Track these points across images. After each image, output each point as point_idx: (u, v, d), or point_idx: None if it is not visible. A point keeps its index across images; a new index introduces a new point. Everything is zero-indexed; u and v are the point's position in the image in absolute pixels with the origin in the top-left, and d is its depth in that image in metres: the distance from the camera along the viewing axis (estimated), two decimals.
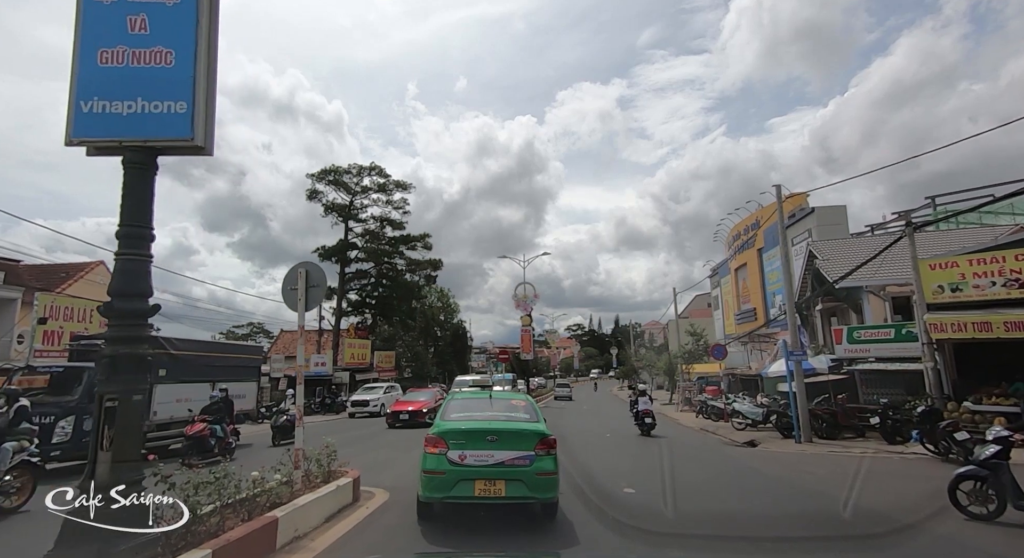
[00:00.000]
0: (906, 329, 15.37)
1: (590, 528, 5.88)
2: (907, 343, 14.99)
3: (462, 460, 5.49)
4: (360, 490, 7.22)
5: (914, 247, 12.95)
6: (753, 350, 30.09)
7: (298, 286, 6.69)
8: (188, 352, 13.06)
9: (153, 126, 3.69)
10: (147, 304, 3.69)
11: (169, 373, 12.25)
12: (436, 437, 5.73)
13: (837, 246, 23.27)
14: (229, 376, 14.35)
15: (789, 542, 5.78)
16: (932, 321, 12.25)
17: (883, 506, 6.99)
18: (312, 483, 6.33)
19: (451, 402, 7.00)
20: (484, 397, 7.05)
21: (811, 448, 12.96)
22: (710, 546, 5.68)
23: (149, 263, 3.78)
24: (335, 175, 39.97)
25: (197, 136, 3.74)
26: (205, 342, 14.66)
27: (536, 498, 5.60)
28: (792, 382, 14.35)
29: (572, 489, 7.69)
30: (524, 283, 37.65)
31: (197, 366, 13.23)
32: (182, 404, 12.60)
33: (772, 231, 34.27)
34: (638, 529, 6.04)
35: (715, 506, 7.37)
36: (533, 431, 5.83)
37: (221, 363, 14.11)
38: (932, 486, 7.57)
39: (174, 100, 3.73)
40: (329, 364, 32.92)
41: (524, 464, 5.50)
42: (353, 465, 9.82)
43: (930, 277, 12.90)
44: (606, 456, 11.88)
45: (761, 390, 23.60)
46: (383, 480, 8.69)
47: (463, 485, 5.43)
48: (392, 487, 8.00)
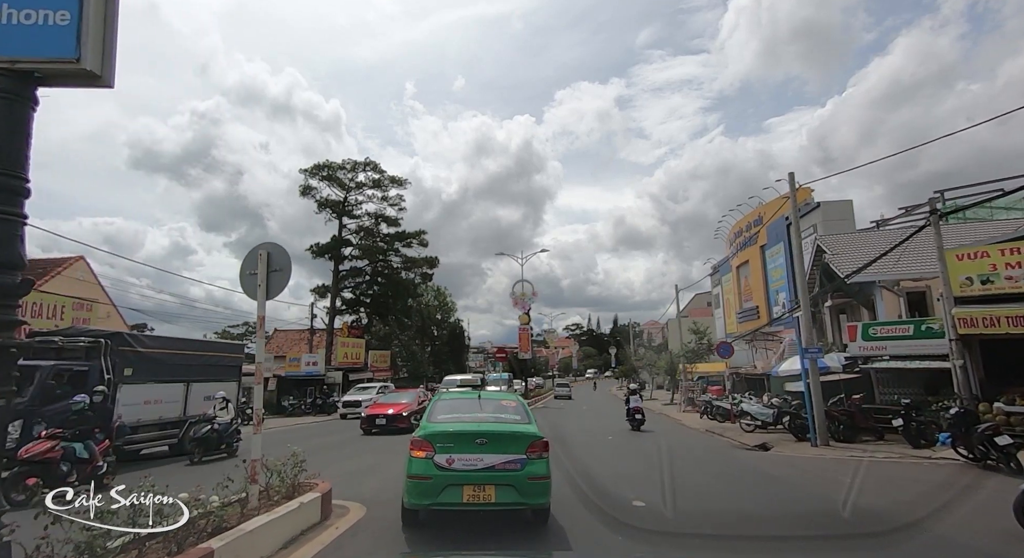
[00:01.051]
0: (926, 325, 14.53)
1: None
2: (927, 340, 14.16)
3: (449, 464, 5.22)
4: (332, 505, 6.31)
5: (940, 236, 12.07)
6: (758, 349, 29.19)
7: (258, 270, 5.77)
8: (158, 350, 12.10)
9: (23, 41, 2.72)
10: (15, 278, 2.77)
11: (137, 372, 11.28)
12: (422, 440, 5.43)
13: (846, 240, 22.40)
14: (206, 376, 13.40)
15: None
16: (961, 315, 11.37)
17: (941, 527, 6.02)
18: (272, 501, 5.41)
19: (438, 402, 6.59)
20: (473, 397, 6.73)
21: (829, 452, 12.07)
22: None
23: (21, 225, 2.84)
24: (329, 171, 38.99)
25: (85, 57, 2.78)
26: (178, 339, 13.66)
27: (527, 504, 5.37)
28: (807, 381, 13.47)
29: (578, 498, 7.10)
30: (522, 281, 36.69)
31: (169, 365, 12.26)
32: (152, 407, 11.65)
33: (775, 227, 33.44)
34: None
35: (738, 522, 6.48)
36: (524, 433, 5.56)
37: (197, 362, 13.14)
38: (982, 499, 6.71)
39: (53, 8, 2.79)
40: (321, 364, 32.00)
41: (515, 468, 5.26)
42: (332, 473, 8.90)
43: (957, 268, 12.02)
44: (610, 461, 10.97)
45: (767, 390, 22.77)
46: (363, 491, 7.78)
47: (451, 491, 5.16)
48: (372, 500, 7.09)
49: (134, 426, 11.18)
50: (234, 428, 12.26)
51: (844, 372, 15.91)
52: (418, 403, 17.70)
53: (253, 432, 5.68)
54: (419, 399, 18.33)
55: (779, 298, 34.57)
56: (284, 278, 5.80)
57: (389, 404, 17.72)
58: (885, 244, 20.22)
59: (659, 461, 10.69)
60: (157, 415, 11.81)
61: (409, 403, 17.70)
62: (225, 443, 11.97)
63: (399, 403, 17.73)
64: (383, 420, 16.39)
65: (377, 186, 40.08)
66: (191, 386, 12.74)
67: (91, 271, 23.28)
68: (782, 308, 33.26)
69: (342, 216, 39.18)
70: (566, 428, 18.50)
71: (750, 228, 37.75)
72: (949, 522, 6.10)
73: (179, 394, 12.43)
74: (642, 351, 67.75)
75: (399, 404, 17.57)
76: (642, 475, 9.36)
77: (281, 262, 5.83)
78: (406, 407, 17.23)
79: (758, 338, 29.69)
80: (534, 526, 5.77)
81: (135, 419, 11.18)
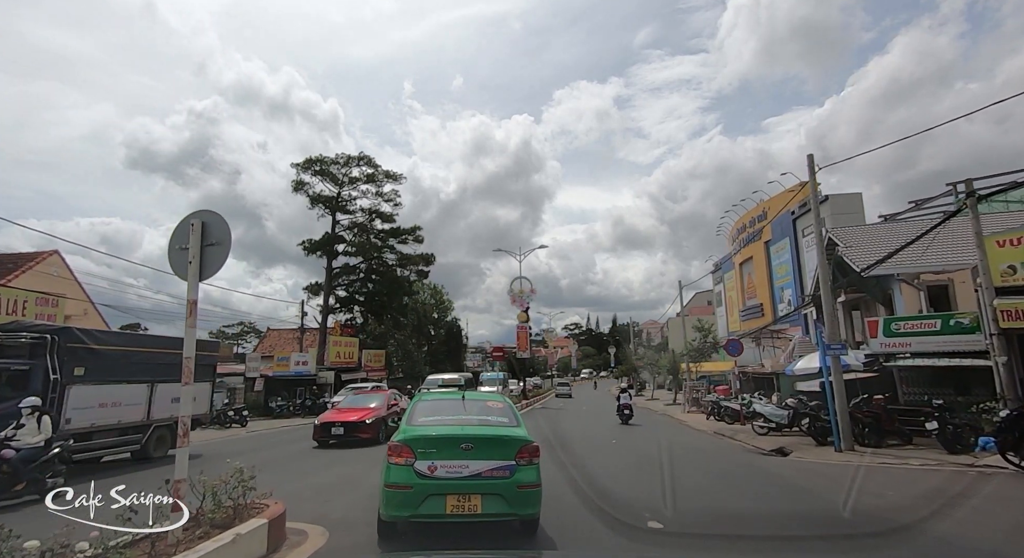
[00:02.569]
0: (955, 319, 13.47)
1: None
2: (956, 335, 13.11)
3: (432, 472, 4.80)
4: (285, 531, 5.21)
5: (978, 221, 11.00)
6: (765, 347, 28.14)
7: (190, 244, 4.67)
8: (116, 347, 10.96)
9: None
10: None
11: (90, 372, 10.13)
12: (401, 445, 4.97)
13: (859, 233, 21.35)
14: (175, 375, 12.24)
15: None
16: (1004, 307, 10.30)
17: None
18: (201, 532, 4.31)
19: (419, 404, 6.09)
20: (456, 398, 6.25)
21: (856, 457, 10.98)
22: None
23: None
24: (321, 165, 37.86)
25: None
26: (141, 335, 12.60)
27: (516, 515, 4.97)
28: (829, 380, 12.40)
29: (590, 512, 6.37)
30: (520, 278, 35.62)
31: (129, 364, 11.12)
32: (110, 410, 10.50)
33: (780, 222, 32.44)
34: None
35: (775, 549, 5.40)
36: (514, 437, 5.16)
37: (164, 360, 11.97)
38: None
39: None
40: (312, 363, 30.91)
41: (503, 476, 4.86)
42: (298, 488, 7.83)
43: (998, 256, 10.94)
44: (616, 470, 9.86)
45: (777, 389, 21.73)
46: (331, 509, 6.67)
47: (433, 501, 4.73)
48: (339, 522, 5.98)
49: (88, 432, 10.07)
50: (51, 456, 7.98)
51: (864, 371, 14.85)
52: (388, 407, 15.06)
53: (178, 444, 4.58)
54: (390, 403, 15.51)
55: (784, 295, 33.56)
56: (222, 253, 4.70)
57: (351, 409, 14.73)
58: (901, 236, 19.23)
59: (671, 470, 9.61)
60: (116, 419, 10.66)
61: (376, 408, 14.72)
62: (29, 479, 7.63)
63: (363, 408, 14.64)
64: (340, 429, 13.48)
65: (371, 181, 38.96)
66: (156, 387, 11.59)
67: (66, 266, 22.16)
68: (788, 305, 32.26)
69: (335, 212, 38.07)
70: (570, 433, 17.40)
71: (754, 224, 36.75)
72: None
73: (142, 396, 11.28)
74: (642, 351, 66.95)
75: (362, 409, 14.47)
76: (651, 485, 8.26)
77: (218, 234, 4.73)
78: (371, 413, 14.20)
79: (765, 336, 28.65)
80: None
81: (88, 424, 10.07)
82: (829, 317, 13.30)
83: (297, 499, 6.82)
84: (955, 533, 5.63)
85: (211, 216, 4.76)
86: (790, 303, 31.76)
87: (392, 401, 15.93)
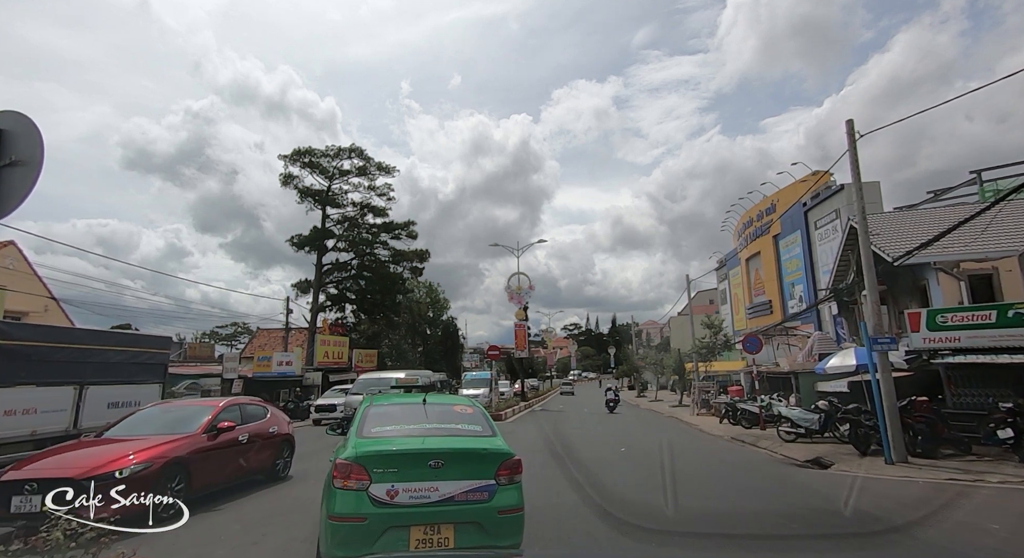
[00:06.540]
0: (1013, 310, 11.81)
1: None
2: (1015, 329, 11.50)
3: (392, 497, 3.86)
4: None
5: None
6: (779, 345, 26.41)
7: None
8: (36, 343, 9.19)
9: None
10: None
11: (1, 372, 8.40)
12: (351, 464, 3.94)
13: (886, 220, 19.70)
14: (113, 376, 10.52)
15: None
16: None
17: None
18: None
19: (371, 410, 4.86)
20: (416, 402, 5.01)
21: (915, 472, 9.23)
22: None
23: None
24: (311, 157, 36.17)
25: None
26: (66, 329, 10.80)
27: (496, 547, 3.98)
28: (876, 378, 10.68)
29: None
30: (518, 273, 33.85)
31: (55, 363, 9.36)
32: (18, 418, 8.71)
33: (791, 216, 30.73)
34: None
35: None
36: (493, 451, 4.24)
37: (99, 359, 10.24)
38: None
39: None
40: (297, 363, 29.14)
41: (482, 499, 4.00)
42: (222, 521, 6.07)
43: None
44: (632, 487, 8.13)
45: (795, 390, 20.02)
46: (260, 554, 4.93)
47: (393, 535, 3.78)
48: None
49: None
50: None
51: (906, 369, 13.15)
52: (205, 430, 7.17)
53: None
54: (219, 423, 7.40)
55: (795, 291, 31.83)
56: (28, 175, 2.95)
57: (90, 445, 6.78)
58: (933, 222, 17.58)
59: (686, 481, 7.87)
60: (29, 429, 8.87)
61: (164, 444, 6.49)
62: None
63: (106, 456, 6.02)
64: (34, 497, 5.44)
65: (363, 174, 37.27)
66: (86, 390, 9.79)
67: (24, 258, 20.43)
68: (799, 301, 30.53)
69: (325, 205, 36.39)
70: (570, 433, 15.67)
71: (762, 217, 35.05)
72: None
73: (66, 400, 9.49)
74: (643, 351, 65.59)
75: (103, 458, 5.98)
76: (671, 502, 6.52)
77: (24, 150, 2.97)
78: (125, 461, 5.88)
79: (779, 333, 26.95)
80: None
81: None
82: (874, 305, 11.61)
83: (212, 540, 5.09)
84: None
85: (13, 118, 3.01)
86: (801, 299, 30.06)
87: (215, 420, 7.41)
